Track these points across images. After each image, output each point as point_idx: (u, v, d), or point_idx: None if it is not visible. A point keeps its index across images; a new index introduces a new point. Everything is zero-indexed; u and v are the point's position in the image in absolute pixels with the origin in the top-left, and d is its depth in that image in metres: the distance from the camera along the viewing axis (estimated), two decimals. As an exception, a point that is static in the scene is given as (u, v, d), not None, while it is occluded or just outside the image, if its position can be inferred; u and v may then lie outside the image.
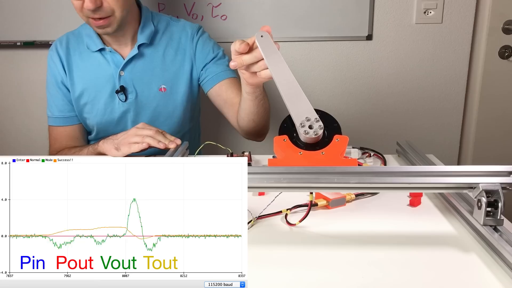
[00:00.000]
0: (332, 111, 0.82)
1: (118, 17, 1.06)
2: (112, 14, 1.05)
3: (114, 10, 1.05)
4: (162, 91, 1.18)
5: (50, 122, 1.23)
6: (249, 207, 0.75)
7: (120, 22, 1.08)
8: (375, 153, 1.06)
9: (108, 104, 1.18)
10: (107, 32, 1.08)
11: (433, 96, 1.65)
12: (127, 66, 1.15)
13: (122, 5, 1.05)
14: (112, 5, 1.04)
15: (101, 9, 1.03)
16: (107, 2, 1.03)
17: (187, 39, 1.20)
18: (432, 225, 0.72)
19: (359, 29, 1.56)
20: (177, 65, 1.19)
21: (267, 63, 0.81)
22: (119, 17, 1.06)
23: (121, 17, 1.07)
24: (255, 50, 0.82)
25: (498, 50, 1.58)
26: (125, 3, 1.06)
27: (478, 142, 1.69)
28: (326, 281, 0.57)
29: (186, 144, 1.04)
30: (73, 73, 1.17)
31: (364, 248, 0.65)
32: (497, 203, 0.62)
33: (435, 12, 1.54)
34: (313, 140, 0.78)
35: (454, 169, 0.66)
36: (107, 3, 1.03)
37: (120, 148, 1.00)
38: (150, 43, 1.17)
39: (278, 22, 1.55)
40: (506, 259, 0.56)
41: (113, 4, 1.04)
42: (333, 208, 0.78)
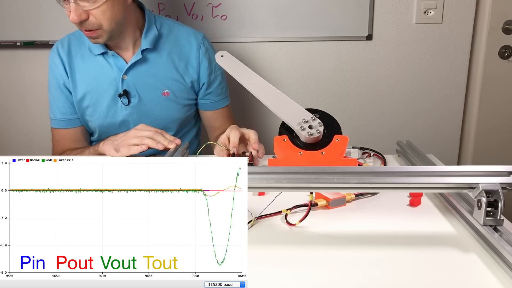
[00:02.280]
0: (332, 111, 0.83)
1: (107, 29, 1.04)
2: (99, 27, 1.03)
3: (100, 23, 1.02)
4: (165, 96, 1.18)
5: (53, 125, 1.22)
6: (249, 207, 0.75)
7: (110, 34, 1.05)
8: (375, 153, 1.06)
9: (110, 107, 1.17)
10: (98, 42, 1.07)
11: (433, 96, 1.65)
12: (130, 70, 1.15)
13: (110, 18, 1.02)
14: (99, 19, 1.01)
15: (87, 22, 1.01)
16: (93, 16, 1.00)
17: (191, 48, 1.20)
18: (432, 225, 0.72)
19: (359, 29, 1.56)
20: (180, 71, 1.19)
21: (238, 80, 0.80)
22: (108, 30, 1.04)
23: (110, 29, 1.04)
24: None
25: (498, 50, 1.58)
26: (114, 15, 1.03)
27: (478, 142, 1.69)
28: (326, 281, 0.57)
29: (186, 144, 1.04)
30: (75, 75, 1.17)
31: (364, 248, 0.65)
32: (497, 203, 0.62)
33: (435, 12, 1.54)
34: (313, 140, 0.78)
35: (454, 169, 0.66)
36: (93, 16, 1.00)
37: (120, 149, 1.00)
38: (154, 48, 1.16)
39: (278, 22, 1.55)
40: (506, 259, 0.56)
41: (99, 18, 1.01)
42: (333, 208, 0.78)
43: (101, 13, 1.00)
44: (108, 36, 1.06)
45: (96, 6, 0.99)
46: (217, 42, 1.52)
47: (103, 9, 1.00)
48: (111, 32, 1.05)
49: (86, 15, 1.00)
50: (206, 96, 1.25)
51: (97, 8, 0.99)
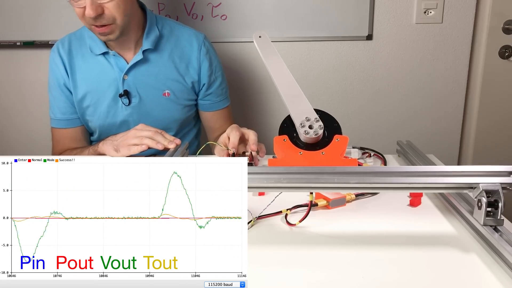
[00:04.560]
0: (332, 111, 0.83)
1: (120, 24, 1.05)
2: (113, 21, 1.04)
3: (115, 17, 1.03)
4: (166, 96, 1.18)
5: (53, 124, 1.22)
6: (249, 207, 0.75)
7: (122, 29, 1.06)
8: (375, 153, 1.06)
9: (111, 108, 1.17)
10: (109, 39, 1.07)
11: (433, 96, 1.65)
12: (131, 70, 1.15)
13: (123, 12, 1.04)
14: (114, 12, 1.02)
15: (102, 16, 1.02)
16: (108, 10, 1.02)
17: (192, 49, 1.20)
18: (432, 225, 0.72)
19: (359, 29, 1.56)
20: (181, 71, 1.19)
21: (266, 64, 0.81)
22: (120, 24, 1.05)
23: (123, 24, 1.05)
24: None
25: (498, 50, 1.58)
26: (126, 10, 1.05)
27: (478, 142, 1.69)
28: (326, 281, 0.57)
29: (186, 144, 1.04)
30: (76, 75, 1.17)
31: (364, 248, 0.65)
32: (497, 203, 0.62)
33: (435, 12, 1.54)
34: (313, 140, 0.78)
35: (454, 169, 0.66)
36: (108, 10, 1.02)
37: (120, 149, 1.00)
38: (155, 48, 1.16)
39: (278, 22, 1.55)
40: (506, 259, 0.56)
41: (114, 11, 1.02)
42: (333, 208, 0.78)
43: (116, 6, 1.02)
44: (120, 31, 1.07)
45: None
46: (217, 42, 1.52)
47: (118, 3, 1.02)
48: (123, 27, 1.06)
49: (101, 9, 1.01)
50: (206, 97, 1.25)
51: (111, 1, 1.01)
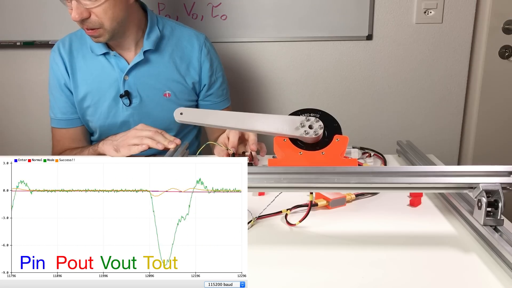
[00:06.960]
0: (332, 111, 0.82)
1: (108, 28, 1.03)
2: (100, 26, 1.02)
3: (102, 22, 1.02)
4: (167, 97, 1.18)
5: (53, 124, 1.22)
6: (249, 207, 0.75)
7: (112, 33, 1.05)
8: (375, 153, 1.06)
9: (111, 108, 1.17)
10: (99, 41, 1.07)
11: (433, 96, 1.65)
12: (132, 71, 1.15)
13: (111, 17, 1.02)
14: (100, 18, 1.01)
15: (88, 21, 1.01)
16: (95, 15, 1.00)
17: (193, 49, 1.20)
18: (432, 225, 0.72)
19: (359, 29, 1.56)
20: (181, 72, 1.19)
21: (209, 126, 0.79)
22: (109, 29, 1.04)
23: (112, 29, 1.04)
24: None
25: (498, 50, 1.58)
26: (115, 15, 1.03)
27: (478, 142, 1.69)
28: (326, 281, 0.57)
29: (186, 144, 1.04)
30: (77, 75, 1.16)
31: (364, 248, 0.65)
32: (497, 203, 0.62)
33: (435, 12, 1.54)
34: (313, 140, 0.78)
35: (454, 169, 0.66)
36: (94, 15, 1.00)
37: (120, 150, 1.00)
38: (156, 49, 1.16)
39: (278, 22, 1.55)
40: (506, 259, 0.56)
41: (101, 16, 1.01)
42: (333, 208, 0.78)
43: (102, 11, 1.00)
44: (110, 36, 1.06)
45: (97, 5, 0.99)
46: (217, 42, 1.52)
47: (104, 8, 1.00)
48: (113, 31, 1.05)
49: (87, 13, 1.00)
50: (207, 98, 1.25)
51: (98, 7, 0.99)
